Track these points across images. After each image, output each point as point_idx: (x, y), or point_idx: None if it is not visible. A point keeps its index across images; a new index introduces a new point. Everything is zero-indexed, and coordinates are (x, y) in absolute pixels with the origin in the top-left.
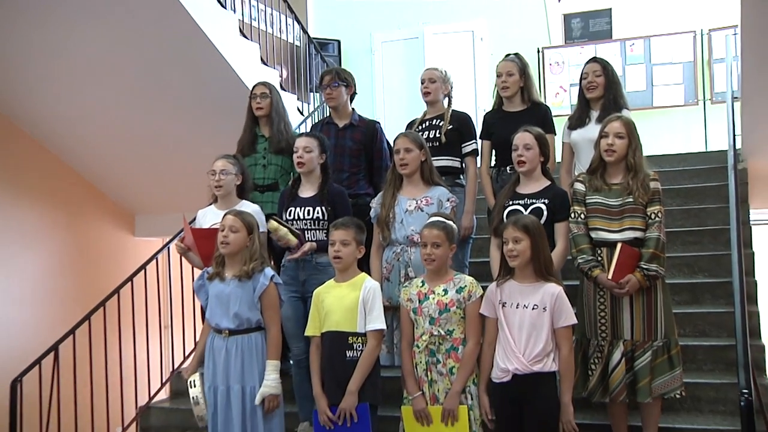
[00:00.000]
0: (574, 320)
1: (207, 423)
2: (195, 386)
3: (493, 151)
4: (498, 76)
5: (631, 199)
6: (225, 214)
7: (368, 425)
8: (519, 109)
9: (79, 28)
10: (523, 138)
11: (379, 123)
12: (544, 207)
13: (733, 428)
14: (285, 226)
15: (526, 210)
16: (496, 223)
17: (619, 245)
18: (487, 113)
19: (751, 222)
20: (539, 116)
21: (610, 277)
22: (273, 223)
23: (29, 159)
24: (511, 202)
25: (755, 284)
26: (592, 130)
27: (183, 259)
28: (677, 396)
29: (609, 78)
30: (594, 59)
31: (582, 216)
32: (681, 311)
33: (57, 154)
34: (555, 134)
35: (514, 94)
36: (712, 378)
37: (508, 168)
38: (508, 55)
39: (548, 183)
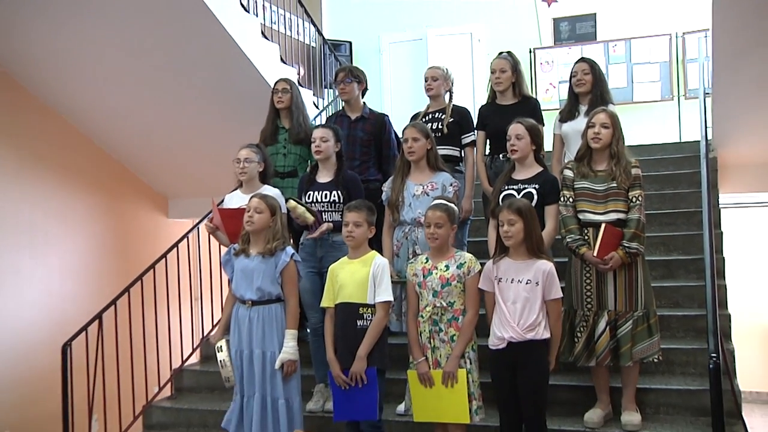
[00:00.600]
0: (561, 293)
1: (233, 383)
2: (222, 351)
3: (488, 141)
4: (492, 72)
5: (614, 185)
6: (251, 197)
7: (375, 387)
8: (511, 103)
9: (122, 31)
10: (515, 129)
11: (387, 116)
12: (534, 191)
13: (702, 388)
14: (302, 205)
15: (518, 194)
16: (492, 206)
17: (603, 226)
18: (482, 106)
19: (720, 205)
20: (529, 109)
21: (595, 254)
22: (291, 203)
23: (76, 150)
24: (506, 187)
25: (723, 261)
26: (580, 122)
27: (212, 237)
28: (654, 360)
29: (596, 76)
30: (583, 59)
31: (570, 200)
32: (658, 285)
33: (100, 145)
34: (543, 125)
35: (506, 88)
36: (684, 344)
37: (501, 156)
38: (501, 53)
39: (540, 169)
